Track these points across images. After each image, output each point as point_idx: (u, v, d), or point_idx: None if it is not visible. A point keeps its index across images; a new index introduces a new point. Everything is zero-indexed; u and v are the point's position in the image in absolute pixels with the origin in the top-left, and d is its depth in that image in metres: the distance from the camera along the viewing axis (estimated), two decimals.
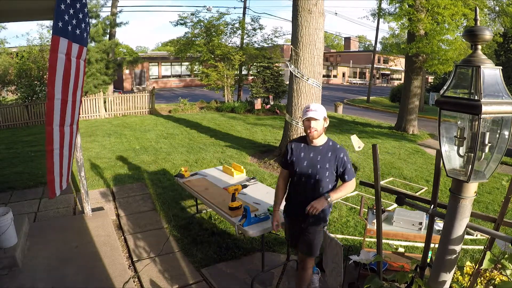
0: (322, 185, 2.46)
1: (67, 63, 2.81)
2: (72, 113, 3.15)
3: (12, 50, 15.46)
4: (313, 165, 2.46)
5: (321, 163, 2.45)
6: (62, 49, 2.72)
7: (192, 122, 12.00)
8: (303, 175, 2.48)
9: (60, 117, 2.83)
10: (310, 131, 2.41)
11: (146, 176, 6.14)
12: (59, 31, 2.65)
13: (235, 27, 16.57)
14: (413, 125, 11.24)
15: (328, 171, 2.45)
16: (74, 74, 3.01)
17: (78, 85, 3.18)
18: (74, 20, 2.89)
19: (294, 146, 2.55)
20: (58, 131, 2.83)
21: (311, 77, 6.56)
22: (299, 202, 2.49)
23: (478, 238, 3.91)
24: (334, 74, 46.34)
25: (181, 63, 31.80)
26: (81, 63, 3.18)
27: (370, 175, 6.32)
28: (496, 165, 1.37)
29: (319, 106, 2.44)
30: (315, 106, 2.43)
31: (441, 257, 1.55)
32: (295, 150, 2.54)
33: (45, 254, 3.37)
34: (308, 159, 2.48)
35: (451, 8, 9.25)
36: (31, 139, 9.40)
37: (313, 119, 2.39)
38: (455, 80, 1.38)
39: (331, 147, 2.49)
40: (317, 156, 2.46)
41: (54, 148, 2.77)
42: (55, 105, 2.73)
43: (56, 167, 2.86)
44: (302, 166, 2.48)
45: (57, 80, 2.70)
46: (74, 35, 2.91)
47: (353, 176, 2.54)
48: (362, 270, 2.86)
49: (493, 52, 20.13)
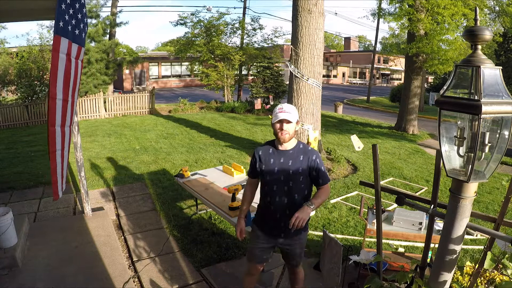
0: (297, 191, 2.27)
1: (67, 63, 2.81)
2: (71, 114, 3.15)
3: (12, 50, 15.46)
4: (284, 170, 2.24)
5: (293, 167, 2.24)
6: (63, 49, 2.72)
7: (192, 122, 12.00)
8: (275, 183, 2.26)
9: (61, 117, 2.83)
10: (281, 133, 2.21)
11: (146, 176, 6.14)
12: (60, 31, 2.65)
13: (235, 27, 16.58)
14: (413, 125, 11.24)
15: (302, 175, 2.25)
16: (74, 75, 3.01)
17: (76, 85, 3.18)
18: (74, 20, 2.89)
19: (262, 153, 2.33)
20: (60, 131, 2.83)
21: (311, 77, 6.56)
22: (274, 213, 2.30)
23: (478, 238, 3.91)
24: (334, 74, 46.34)
25: (181, 63, 31.81)
26: (79, 63, 3.18)
27: (370, 175, 6.32)
28: (496, 165, 1.37)
29: (293, 108, 2.27)
30: (288, 107, 2.25)
31: (441, 257, 1.55)
32: (263, 157, 2.31)
33: (45, 254, 3.37)
34: (278, 165, 2.26)
35: (451, 8, 9.25)
36: (31, 139, 9.40)
37: (286, 121, 2.19)
38: (455, 80, 1.39)
39: (302, 149, 2.30)
40: (288, 161, 2.25)
41: (56, 149, 2.77)
42: (57, 105, 2.72)
43: (59, 168, 2.86)
44: (273, 173, 2.26)
45: (59, 80, 2.69)
46: (74, 35, 2.91)
47: (328, 180, 2.33)
48: (362, 270, 2.87)
49: (493, 52, 20.11)
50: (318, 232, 4.10)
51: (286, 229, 2.27)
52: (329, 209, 4.78)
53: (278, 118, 2.20)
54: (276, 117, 2.21)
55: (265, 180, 2.32)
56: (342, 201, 5.11)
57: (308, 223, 2.46)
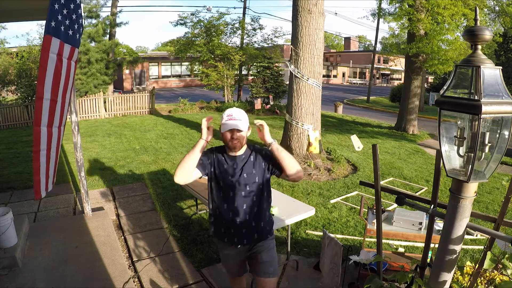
0: (255, 194, 2.11)
1: (58, 64, 2.78)
2: (61, 115, 3.10)
3: (12, 50, 15.48)
4: (238, 174, 2.08)
5: (247, 169, 2.09)
6: (54, 49, 2.69)
7: (192, 122, 12.00)
8: (231, 189, 2.09)
9: (48, 117, 2.79)
10: (232, 143, 2.02)
11: (146, 176, 6.14)
12: (51, 31, 2.63)
13: (235, 27, 16.58)
14: (413, 125, 11.25)
15: (257, 175, 2.10)
16: (65, 75, 2.98)
17: (68, 86, 3.15)
18: (67, 21, 2.87)
19: (215, 156, 2.13)
20: (46, 132, 2.80)
21: (311, 77, 6.56)
22: (233, 219, 2.11)
23: (478, 238, 3.91)
24: (334, 74, 46.34)
25: (181, 63, 31.81)
26: (72, 64, 3.15)
27: (370, 175, 6.32)
28: (496, 165, 1.37)
29: (243, 114, 2.06)
30: (239, 114, 2.02)
31: (441, 257, 1.55)
32: (216, 161, 2.12)
33: (45, 254, 3.37)
34: (232, 170, 2.09)
35: (451, 8, 9.25)
36: (31, 139, 9.34)
37: (237, 131, 2.00)
38: (455, 80, 1.39)
39: (251, 149, 2.16)
40: (242, 165, 2.09)
41: (41, 149, 2.74)
42: (44, 105, 2.69)
43: (43, 168, 2.82)
44: (228, 178, 2.09)
45: (47, 79, 2.67)
46: (67, 35, 2.89)
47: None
48: (362, 270, 2.87)
49: (493, 52, 20.12)
50: (318, 232, 4.10)
51: (249, 236, 2.14)
52: (329, 209, 4.78)
53: (228, 127, 1.99)
54: (226, 125, 2.00)
55: (218, 186, 2.13)
56: (342, 201, 5.11)
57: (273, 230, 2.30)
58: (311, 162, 6.54)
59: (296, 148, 6.76)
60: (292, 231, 4.02)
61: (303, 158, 6.65)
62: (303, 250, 3.69)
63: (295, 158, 6.80)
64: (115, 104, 13.54)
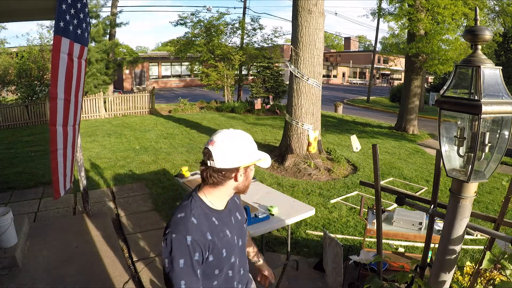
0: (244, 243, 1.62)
1: (69, 63, 2.82)
2: (75, 113, 3.15)
3: (12, 50, 15.47)
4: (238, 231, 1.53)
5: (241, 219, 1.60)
6: (64, 49, 2.72)
7: (192, 122, 12.00)
8: (232, 254, 1.47)
9: (63, 117, 2.84)
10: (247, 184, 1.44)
11: (146, 176, 6.14)
12: (60, 31, 2.65)
13: (235, 27, 16.58)
14: (413, 125, 11.25)
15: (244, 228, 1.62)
16: (77, 74, 3.01)
17: (80, 85, 3.19)
18: (75, 20, 2.90)
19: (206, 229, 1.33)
20: (62, 131, 2.84)
21: (311, 77, 6.56)
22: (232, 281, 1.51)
23: (478, 238, 3.91)
24: (334, 74, 46.34)
25: (181, 63, 31.81)
26: (82, 62, 3.19)
27: (370, 175, 6.31)
28: (496, 165, 1.37)
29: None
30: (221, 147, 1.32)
31: (441, 257, 1.55)
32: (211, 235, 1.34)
33: (45, 254, 3.37)
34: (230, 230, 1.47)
35: (451, 8, 9.25)
36: (31, 139, 9.39)
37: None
38: (455, 80, 1.38)
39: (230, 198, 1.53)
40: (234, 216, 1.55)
41: (58, 149, 2.77)
42: (58, 105, 2.73)
43: (60, 167, 2.86)
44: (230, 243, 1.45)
45: (60, 80, 2.70)
46: (76, 34, 2.91)
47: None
48: (362, 270, 2.87)
49: (493, 52, 20.11)
50: (318, 232, 4.10)
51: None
52: (329, 209, 4.78)
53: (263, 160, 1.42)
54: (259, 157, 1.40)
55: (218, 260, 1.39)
56: (342, 201, 5.11)
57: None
58: (311, 162, 6.54)
59: (296, 148, 6.76)
60: (292, 231, 4.02)
61: (303, 158, 6.65)
62: (303, 250, 3.69)
63: (295, 158, 6.86)
64: (115, 104, 13.54)
